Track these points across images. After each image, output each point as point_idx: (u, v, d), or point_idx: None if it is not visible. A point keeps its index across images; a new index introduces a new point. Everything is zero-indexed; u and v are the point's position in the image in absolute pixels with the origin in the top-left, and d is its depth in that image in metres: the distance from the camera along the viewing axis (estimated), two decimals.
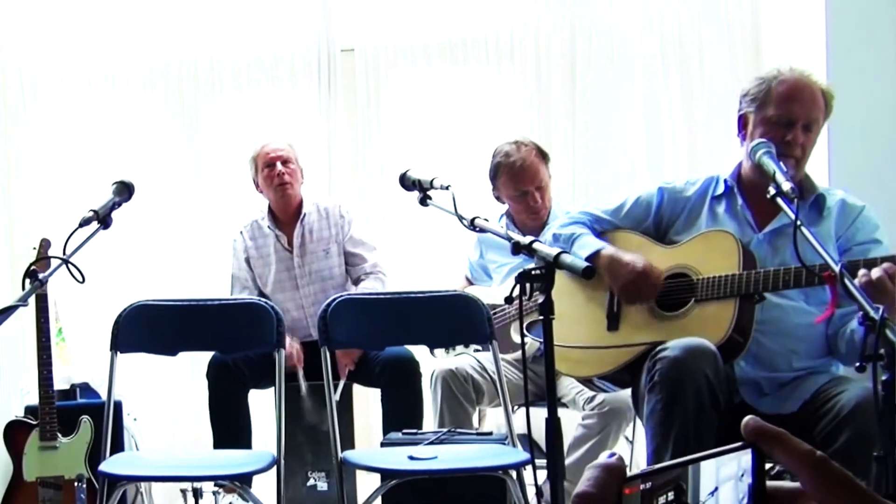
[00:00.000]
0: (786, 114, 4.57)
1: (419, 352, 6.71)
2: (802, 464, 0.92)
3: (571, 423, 5.89)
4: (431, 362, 6.56)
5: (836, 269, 3.76)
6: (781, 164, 4.23)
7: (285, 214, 7.07)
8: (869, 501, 0.88)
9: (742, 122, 4.75)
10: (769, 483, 0.96)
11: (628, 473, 0.92)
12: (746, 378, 4.68)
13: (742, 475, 0.95)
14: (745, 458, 0.95)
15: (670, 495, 0.91)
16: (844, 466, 0.90)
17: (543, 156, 6.49)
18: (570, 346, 4.81)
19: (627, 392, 5.15)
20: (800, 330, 4.67)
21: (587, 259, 4.79)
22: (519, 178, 6.42)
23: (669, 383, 4.38)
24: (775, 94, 4.62)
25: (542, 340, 3.97)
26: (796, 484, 0.93)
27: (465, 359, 6.24)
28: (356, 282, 7.04)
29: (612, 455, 0.91)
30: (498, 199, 6.56)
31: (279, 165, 6.92)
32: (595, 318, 4.97)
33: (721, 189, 4.84)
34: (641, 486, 0.89)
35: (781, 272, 4.44)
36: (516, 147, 6.45)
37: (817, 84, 4.68)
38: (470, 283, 6.77)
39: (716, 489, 0.94)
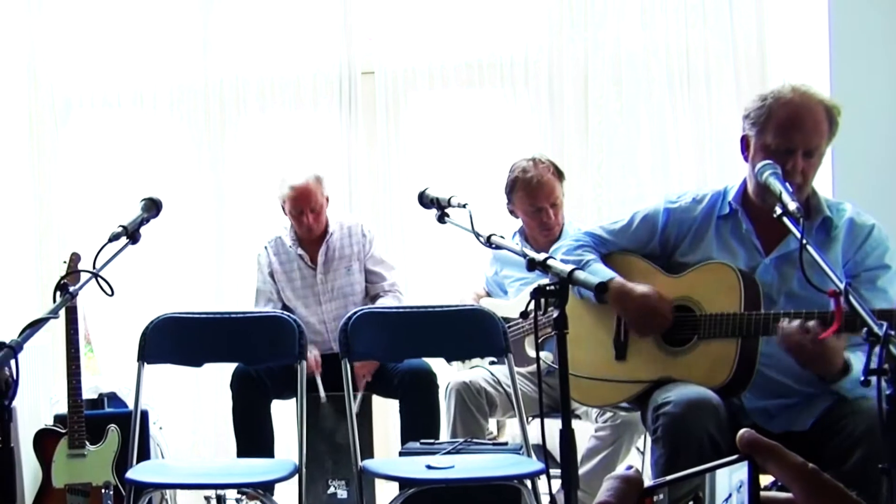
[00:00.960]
0: (784, 143, 4.41)
1: (436, 364, 6.72)
2: (794, 475, 0.92)
3: (584, 434, 5.88)
4: (447, 375, 6.55)
5: (842, 286, 3.73)
6: (788, 184, 4.19)
7: (310, 239, 7.08)
8: None
9: (744, 143, 4.61)
10: (763, 494, 0.96)
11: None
12: (754, 408, 4.61)
13: (740, 486, 0.95)
14: (742, 469, 0.94)
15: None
16: (856, 485, 0.89)
17: (559, 174, 6.48)
18: (580, 375, 4.76)
19: None
20: None
21: (601, 287, 4.75)
22: (535, 194, 6.39)
23: (672, 440, 4.34)
24: (775, 120, 4.45)
25: (555, 356, 3.97)
26: (788, 495, 0.93)
27: (479, 372, 6.23)
28: (373, 299, 7.04)
29: (630, 468, 0.91)
30: (512, 213, 6.54)
31: (307, 216, 6.94)
32: (603, 346, 4.90)
33: (727, 210, 4.73)
34: (656, 499, 0.88)
35: (781, 316, 4.35)
36: (533, 164, 6.43)
37: (820, 103, 4.49)
38: (487, 294, 6.75)
39: (729, 496, 0.94)
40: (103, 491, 6.32)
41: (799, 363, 4.22)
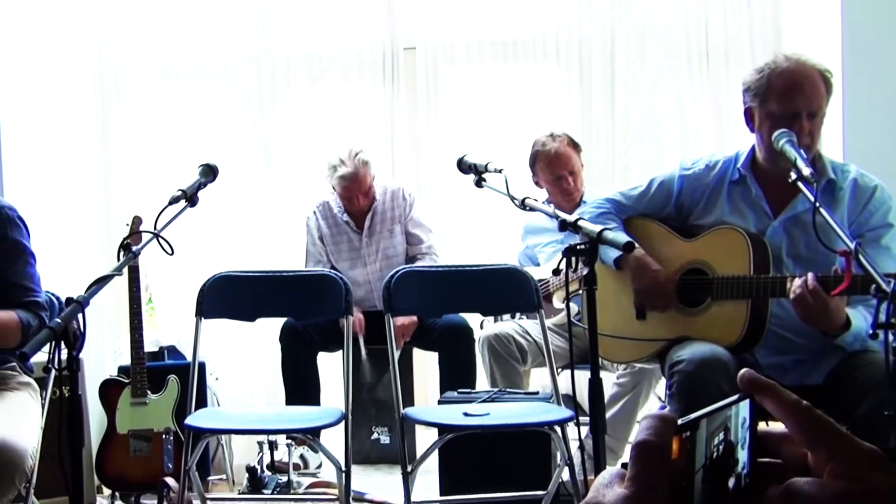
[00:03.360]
0: (789, 108, 4.41)
1: (471, 320, 6.74)
2: (789, 411, 0.93)
3: (606, 383, 5.87)
4: (478, 332, 6.57)
5: (852, 246, 3.73)
6: (801, 151, 4.18)
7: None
8: (847, 442, 0.88)
9: (748, 115, 4.60)
10: (760, 428, 0.97)
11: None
12: (768, 363, 4.59)
13: (744, 422, 0.97)
14: (745, 407, 0.96)
15: (721, 435, 0.91)
16: (866, 434, 0.89)
17: (575, 145, 6.59)
18: (604, 333, 4.77)
19: None
20: None
21: (618, 258, 4.77)
22: (554, 164, 6.50)
23: (686, 396, 4.34)
24: (776, 88, 4.45)
25: (581, 311, 3.96)
26: (784, 429, 0.93)
27: (509, 324, 6.25)
28: (411, 260, 7.06)
29: (663, 407, 0.91)
30: (537, 184, 6.61)
31: (358, 200, 6.97)
32: (625, 307, 4.91)
33: (736, 176, 4.71)
34: (683, 436, 0.88)
35: (787, 280, 4.34)
36: (551, 138, 6.56)
37: (815, 68, 4.48)
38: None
39: (744, 420, 0.96)
40: (164, 436, 6.35)
41: (802, 318, 4.20)
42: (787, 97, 4.44)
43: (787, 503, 0.87)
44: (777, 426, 0.98)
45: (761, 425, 0.99)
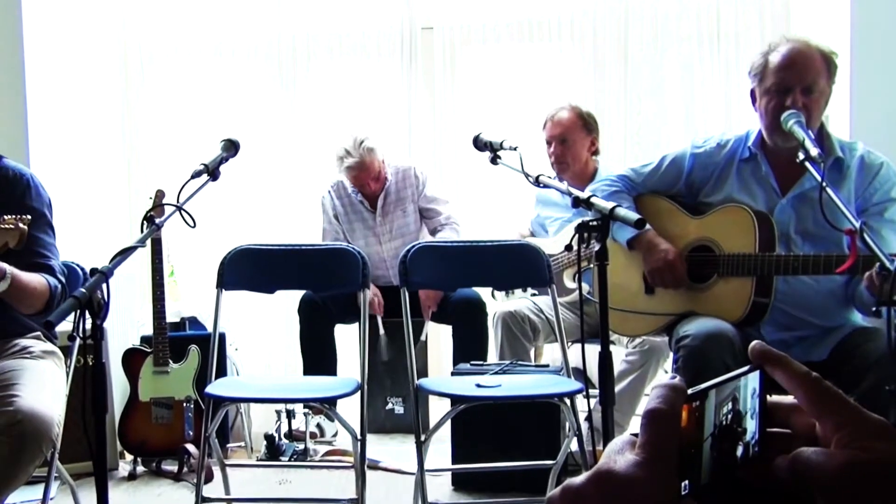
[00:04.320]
0: (780, 82, 4.45)
1: (484, 294, 6.75)
2: (799, 382, 0.93)
3: (615, 358, 5.88)
4: (493, 304, 6.58)
5: (857, 224, 3.73)
6: (809, 131, 4.18)
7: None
8: (855, 413, 0.88)
9: (753, 96, 4.64)
10: (770, 398, 0.98)
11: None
12: (773, 339, 4.60)
13: (754, 393, 0.97)
14: (755, 377, 0.97)
15: (730, 405, 0.90)
16: (868, 408, 0.89)
17: (584, 121, 6.57)
18: (614, 307, 4.80)
19: None
20: (818, 297, 4.60)
21: (631, 238, 4.80)
22: (548, 127, 6.59)
23: (691, 370, 4.37)
24: (771, 65, 4.50)
25: (591, 287, 3.96)
26: (793, 400, 0.93)
27: (523, 301, 6.25)
28: (433, 232, 7.07)
29: (674, 377, 0.90)
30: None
31: (369, 185, 7.00)
32: (634, 282, 4.96)
33: (747, 154, 4.74)
34: (694, 405, 0.88)
35: (791, 259, 4.38)
36: (563, 107, 6.59)
37: (814, 48, 4.49)
38: (531, 234, 6.78)
39: (754, 390, 0.97)
40: (184, 404, 6.39)
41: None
42: (779, 72, 4.48)
43: (794, 472, 0.87)
44: (786, 397, 0.98)
45: (771, 396, 0.99)
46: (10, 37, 6.57)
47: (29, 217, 3.97)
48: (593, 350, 4.00)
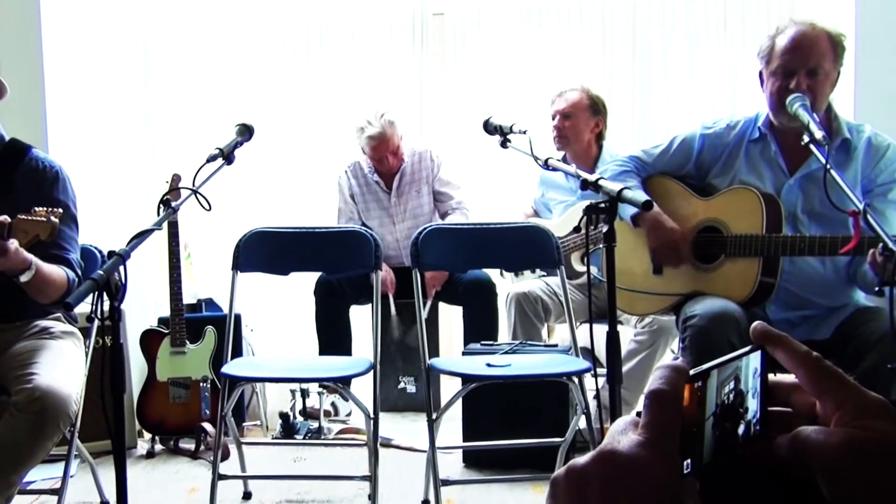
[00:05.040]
0: (786, 64, 4.47)
1: (495, 275, 6.76)
2: (799, 361, 0.93)
3: (624, 338, 5.92)
4: (505, 285, 6.58)
5: (861, 206, 3.74)
6: (815, 115, 4.19)
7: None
8: (854, 392, 0.88)
9: (761, 78, 4.66)
10: (771, 378, 0.98)
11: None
12: (778, 319, 4.65)
13: (755, 372, 0.97)
14: (756, 357, 0.96)
15: (732, 384, 0.90)
16: (870, 386, 0.89)
17: (591, 100, 6.63)
18: (623, 287, 4.84)
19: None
20: (823, 277, 4.63)
21: (635, 215, 4.82)
22: (556, 103, 6.65)
23: (698, 349, 4.39)
24: (777, 48, 4.52)
25: (600, 268, 3.96)
26: (794, 379, 0.93)
27: (536, 282, 6.26)
28: (443, 216, 7.08)
29: (677, 358, 0.91)
30: None
31: (387, 159, 7.02)
32: (642, 262, 4.98)
33: (756, 134, 4.75)
34: (696, 385, 0.88)
35: (797, 240, 4.39)
36: (574, 87, 6.68)
37: (821, 30, 4.49)
38: (536, 214, 6.79)
39: (755, 370, 0.96)
40: (201, 384, 6.40)
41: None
42: (785, 55, 4.49)
43: (794, 450, 0.87)
44: (787, 376, 0.98)
45: (772, 376, 0.99)
46: (28, 21, 6.56)
47: (61, 210, 4.00)
48: (602, 330, 4.01)
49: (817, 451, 0.85)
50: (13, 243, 3.89)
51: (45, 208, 3.95)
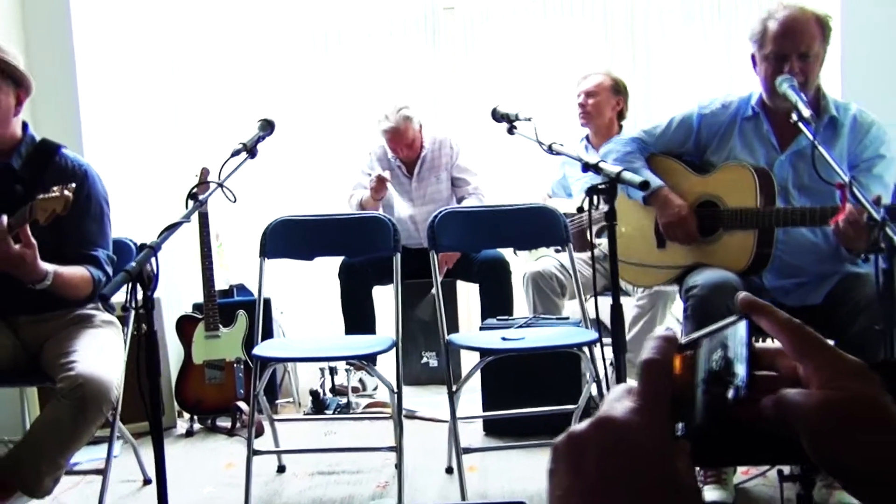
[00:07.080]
0: (778, 49, 4.48)
1: (508, 254, 6.78)
2: (783, 328, 0.93)
3: (628, 308, 5.96)
4: (520, 264, 6.60)
5: (847, 179, 3.78)
6: (802, 94, 4.21)
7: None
8: (832, 356, 0.89)
9: (753, 60, 4.67)
10: (757, 344, 0.97)
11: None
12: (773, 286, 4.71)
13: (742, 340, 0.95)
14: (743, 326, 0.95)
15: (720, 352, 0.91)
16: (860, 347, 0.90)
17: (613, 81, 6.69)
18: (629, 261, 4.88)
19: None
20: (814, 246, 4.66)
21: (647, 195, 4.79)
22: (582, 84, 6.68)
23: (699, 318, 4.40)
24: (769, 33, 4.52)
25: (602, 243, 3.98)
26: (778, 345, 0.94)
27: (549, 261, 6.26)
28: (459, 200, 7.09)
29: (668, 329, 0.92)
30: None
31: (402, 150, 7.05)
32: (647, 237, 5.00)
33: (749, 112, 4.77)
34: (687, 354, 0.89)
35: (790, 212, 4.44)
36: (599, 70, 6.74)
37: (810, 14, 4.51)
38: (549, 197, 6.81)
39: (742, 338, 0.95)
40: (235, 365, 6.43)
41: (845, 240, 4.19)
42: (778, 40, 4.50)
43: (778, 410, 0.88)
44: (772, 343, 0.98)
45: (762, 341, 1.00)
46: (60, 22, 6.56)
47: (73, 185, 4.03)
48: (609, 302, 4.03)
49: (798, 411, 0.85)
50: (29, 255, 4.03)
51: (59, 185, 4.00)
